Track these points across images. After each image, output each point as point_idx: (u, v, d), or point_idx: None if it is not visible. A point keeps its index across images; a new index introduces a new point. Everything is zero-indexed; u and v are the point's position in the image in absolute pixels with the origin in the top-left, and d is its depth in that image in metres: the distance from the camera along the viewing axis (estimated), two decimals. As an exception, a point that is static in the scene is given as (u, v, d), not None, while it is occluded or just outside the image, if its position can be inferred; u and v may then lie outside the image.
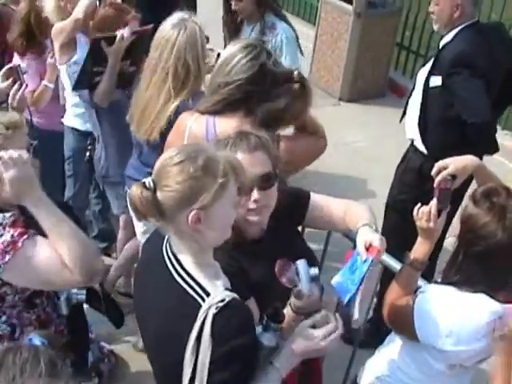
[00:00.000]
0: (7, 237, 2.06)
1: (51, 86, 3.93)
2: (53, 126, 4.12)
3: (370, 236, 2.10)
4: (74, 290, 2.43)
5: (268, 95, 2.62)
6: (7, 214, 2.11)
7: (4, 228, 2.08)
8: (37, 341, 1.69)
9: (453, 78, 3.51)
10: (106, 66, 3.46)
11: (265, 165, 2.08)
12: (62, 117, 4.15)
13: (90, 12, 3.70)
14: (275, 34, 4.03)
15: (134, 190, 1.75)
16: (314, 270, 1.96)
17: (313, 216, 2.36)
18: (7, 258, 2.04)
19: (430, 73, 3.66)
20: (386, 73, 7.19)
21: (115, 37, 3.41)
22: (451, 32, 3.63)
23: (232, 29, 4.29)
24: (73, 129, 4.11)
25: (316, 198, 2.38)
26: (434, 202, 2.27)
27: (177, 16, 3.01)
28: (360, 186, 5.31)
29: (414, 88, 3.88)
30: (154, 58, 3.01)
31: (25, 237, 2.07)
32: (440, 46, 3.70)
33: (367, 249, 2.06)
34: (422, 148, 3.76)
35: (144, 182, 1.75)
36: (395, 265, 2.66)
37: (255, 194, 2.05)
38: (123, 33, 3.41)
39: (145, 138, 3.11)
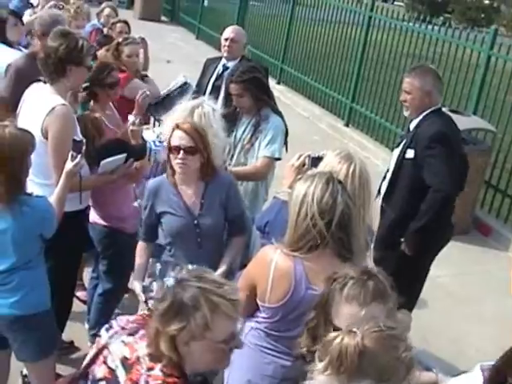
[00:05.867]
0: None
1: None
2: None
3: None
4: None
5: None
6: None
7: None
8: None
9: (429, 151, 3.98)
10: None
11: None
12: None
13: None
14: (267, 122, 4.41)
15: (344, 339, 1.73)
16: None
17: None
18: None
19: (407, 146, 4.13)
20: (472, 210, 7.17)
21: None
22: (420, 115, 4.13)
23: (230, 121, 4.55)
24: None
25: None
26: None
27: (343, 152, 2.95)
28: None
29: (388, 170, 4.37)
30: None
31: None
32: (412, 127, 4.20)
33: None
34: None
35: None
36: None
37: None
38: None
39: None
